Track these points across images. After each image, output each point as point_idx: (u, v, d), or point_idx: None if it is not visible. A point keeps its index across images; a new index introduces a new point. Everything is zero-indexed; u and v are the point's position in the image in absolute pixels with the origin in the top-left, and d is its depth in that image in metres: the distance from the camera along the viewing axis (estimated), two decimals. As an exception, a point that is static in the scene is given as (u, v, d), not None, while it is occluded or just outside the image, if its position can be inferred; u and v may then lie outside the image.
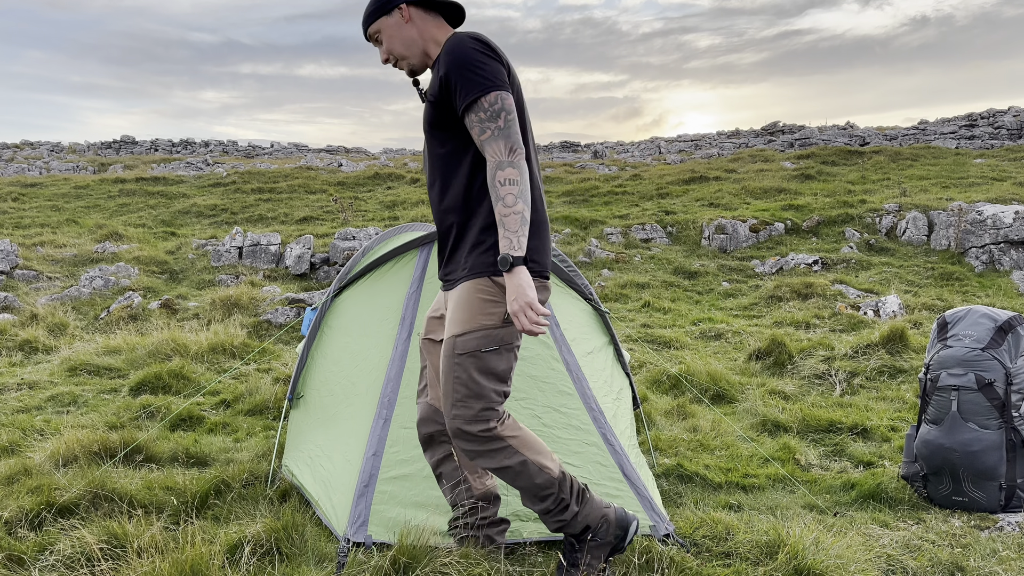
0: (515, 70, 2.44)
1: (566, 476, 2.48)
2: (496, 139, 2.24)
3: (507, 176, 2.21)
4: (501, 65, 2.31)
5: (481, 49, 2.29)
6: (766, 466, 4.05)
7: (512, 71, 2.40)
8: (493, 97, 2.25)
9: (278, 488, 3.44)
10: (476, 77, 2.26)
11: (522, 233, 2.21)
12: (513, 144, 2.24)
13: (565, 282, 4.28)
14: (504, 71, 2.32)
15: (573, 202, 16.16)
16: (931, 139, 22.95)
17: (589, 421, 3.32)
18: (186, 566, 2.42)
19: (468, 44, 2.30)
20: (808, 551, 2.69)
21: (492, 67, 2.28)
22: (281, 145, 32.48)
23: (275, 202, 16.86)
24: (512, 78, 2.38)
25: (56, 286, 10.09)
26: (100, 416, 4.83)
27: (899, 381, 5.76)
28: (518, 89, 2.42)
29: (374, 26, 2.48)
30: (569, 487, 2.48)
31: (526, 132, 2.42)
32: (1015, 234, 10.72)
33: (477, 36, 2.33)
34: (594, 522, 2.52)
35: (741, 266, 11.56)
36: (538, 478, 2.41)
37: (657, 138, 30.53)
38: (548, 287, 2.50)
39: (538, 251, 2.39)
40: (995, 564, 2.85)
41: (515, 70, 2.44)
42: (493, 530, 2.67)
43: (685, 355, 6.81)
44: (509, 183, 2.21)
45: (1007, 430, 3.41)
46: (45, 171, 23.33)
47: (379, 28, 2.48)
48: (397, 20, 2.45)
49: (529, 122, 2.49)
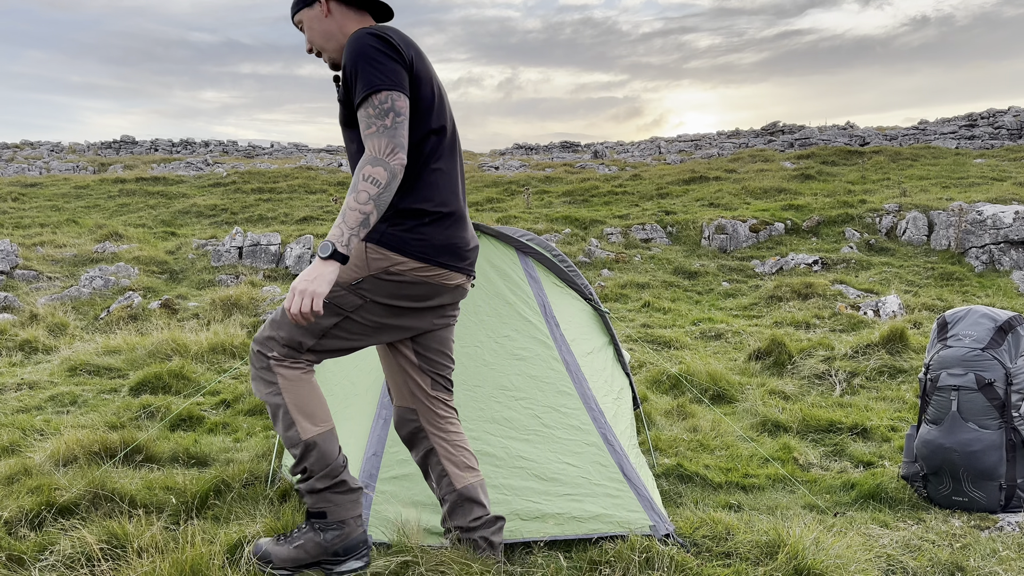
0: (429, 67, 2.44)
1: (319, 450, 2.45)
2: (379, 136, 2.24)
3: (372, 174, 2.21)
4: (401, 64, 2.31)
5: (379, 46, 2.29)
6: (766, 466, 4.05)
7: (423, 69, 2.39)
8: (384, 96, 2.25)
9: (278, 488, 3.44)
10: (370, 74, 2.27)
11: (356, 233, 2.21)
12: (395, 146, 2.23)
13: (565, 282, 4.27)
14: (404, 71, 2.32)
15: (573, 202, 16.17)
16: (931, 139, 22.96)
17: (589, 421, 3.32)
18: (186, 566, 2.41)
19: (366, 40, 2.30)
20: (808, 551, 2.69)
21: (388, 66, 2.28)
22: (281, 145, 32.49)
23: (275, 202, 16.87)
24: (420, 75, 2.38)
25: (56, 286, 10.09)
26: (100, 416, 4.83)
27: (899, 381, 5.76)
28: (431, 85, 2.42)
29: (298, 16, 2.56)
30: (319, 463, 2.46)
31: (444, 127, 2.45)
32: (1015, 234, 10.72)
33: (380, 32, 2.33)
34: (332, 517, 2.50)
35: (741, 266, 11.56)
36: (288, 430, 2.45)
37: (657, 138, 30.54)
38: (466, 288, 2.59)
39: (455, 246, 2.44)
40: (995, 564, 2.85)
41: (429, 67, 2.44)
42: (488, 531, 2.64)
43: (685, 355, 6.81)
44: (371, 181, 2.20)
45: (1007, 430, 3.42)
46: (45, 171, 23.33)
47: (302, 19, 2.54)
48: (317, 13, 2.50)
49: (451, 116, 2.52)
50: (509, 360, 3.48)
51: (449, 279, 2.49)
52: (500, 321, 3.61)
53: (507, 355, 3.49)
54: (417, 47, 2.44)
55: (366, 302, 2.42)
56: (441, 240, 2.43)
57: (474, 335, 3.54)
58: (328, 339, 2.46)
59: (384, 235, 2.38)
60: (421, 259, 2.39)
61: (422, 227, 2.40)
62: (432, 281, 2.45)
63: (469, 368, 3.42)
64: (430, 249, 2.41)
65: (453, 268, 2.48)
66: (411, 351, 2.63)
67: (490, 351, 3.49)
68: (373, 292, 2.41)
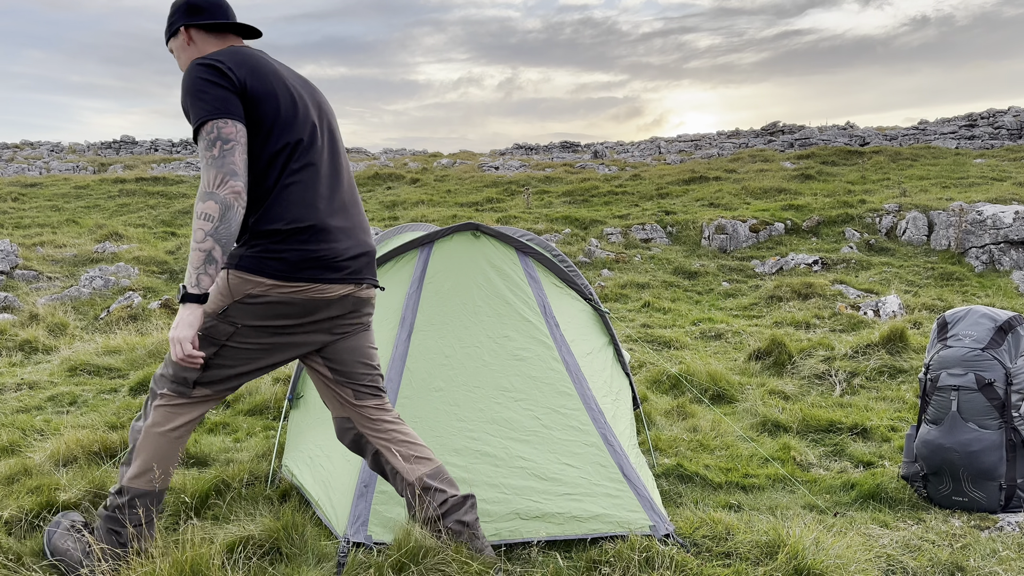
0: (275, 81, 2.43)
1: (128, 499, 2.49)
2: (208, 167, 2.26)
3: (204, 210, 2.23)
4: (228, 89, 2.32)
5: (204, 76, 2.31)
6: (766, 466, 4.05)
7: (261, 86, 2.39)
8: (209, 126, 2.27)
9: (278, 488, 3.44)
10: (196, 106, 2.30)
11: (203, 271, 2.24)
12: (224, 175, 2.24)
13: (565, 282, 4.27)
14: (233, 95, 2.32)
15: (573, 202, 16.17)
16: (931, 139, 22.95)
17: (589, 421, 3.32)
18: (186, 566, 2.41)
19: (193, 73, 2.33)
20: (808, 551, 2.69)
21: (212, 94, 2.29)
22: (281, 145, 32.47)
23: (275, 202, 16.85)
24: (258, 94, 2.37)
25: (56, 286, 10.09)
26: (100, 416, 4.83)
27: (899, 381, 5.76)
28: (274, 101, 2.40)
29: (169, 45, 2.62)
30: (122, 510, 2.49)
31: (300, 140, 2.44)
32: (1015, 234, 10.72)
33: (208, 61, 2.34)
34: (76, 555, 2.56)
35: (741, 266, 11.56)
36: (122, 464, 2.53)
37: (657, 138, 30.54)
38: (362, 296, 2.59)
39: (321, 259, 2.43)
40: (995, 564, 2.85)
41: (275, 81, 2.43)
42: (458, 513, 2.62)
43: (685, 355, 6.81)
44: (204, 218, 2.23)
45: (1007, 430, 3.41)
46: (45, 171, 23.33)
47: (171, 47, 2.61)
48: (181, 42, 2.56)
49: (314, 124, 2.51)
50: (509, 360, 3.48)
51: (322, 292, 2.47)
52: (500, 321, 3.61)
53: (507, 355, 3.49)
54: (258, 65, 2.43)
55: (238, 328, 2.44)
56: (299, 256, 2.41)
57: (474, 335, 3.54)
58: (212, 370, 2.48)
59: (242, 259, 2.40)
60: (280, 278, 2.40)
61: (276, 246, 2.40)
62: (300, 297, 2.45)
63: (469, 368, 3.42)
64: (287, 266, 2.40)
65: (324, 280, 2.46)
66: (323, 366, 2.66)
67: (490, 351, 3.49)
68: (242, 317, 2.43)
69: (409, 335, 3.52)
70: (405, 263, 3.95)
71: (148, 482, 2.48)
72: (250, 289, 2.39)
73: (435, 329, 3.56)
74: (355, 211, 2.64)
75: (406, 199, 16.88)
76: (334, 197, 2.55)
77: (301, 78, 2.65)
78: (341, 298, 2.54)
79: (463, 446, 3.13)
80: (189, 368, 2.44)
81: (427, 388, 3.33)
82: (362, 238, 2.62)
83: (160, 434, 2.48)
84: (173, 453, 2.51)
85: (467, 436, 3.17)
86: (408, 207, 16.02)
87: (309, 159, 2.48)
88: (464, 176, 20.07)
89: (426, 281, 3.75)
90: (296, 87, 2.53)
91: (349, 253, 2.53)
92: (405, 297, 3.71)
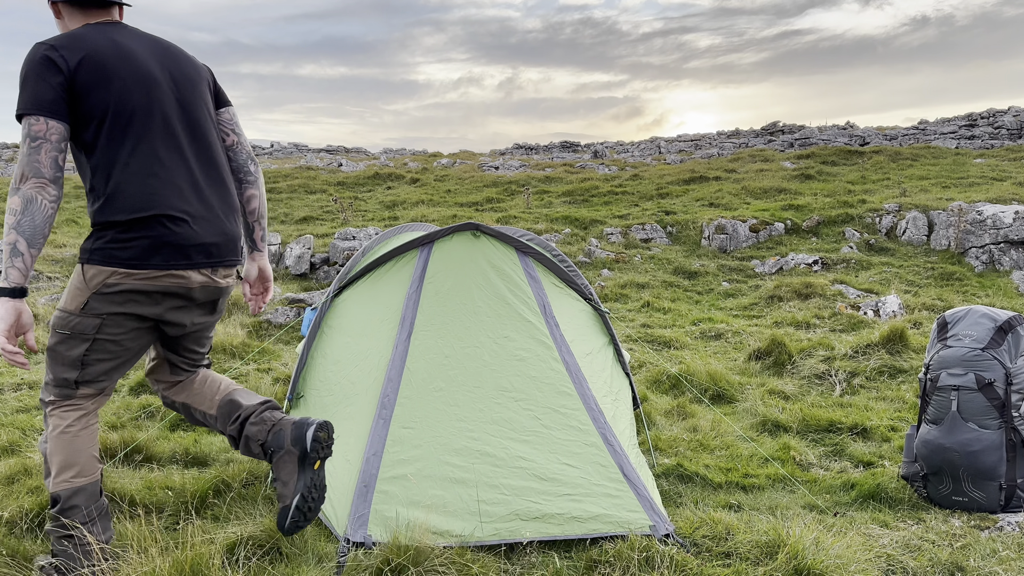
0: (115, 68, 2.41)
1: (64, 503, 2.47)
2: (19, 163, 2.31)
3: (9, 204, 2.30)
4: (50, 82, 2.30)
5: (32, 67, 2.32)
6: (766, 466, 4.05)
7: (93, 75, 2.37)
8: (24, 122, 2.31)
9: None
10: (20, 96, 2.33)
11: (10, 264, 2.28)
12: (27, 172, 2.28)
13: (565, 282, 4.27)
14: (53, 87, 2.30)
15: (573, 202, 16.16)
16: (931, 139, 22.95)
17: (588, 421, 3.32)
18: (186, 566, 2.42)
19: (27, 58, 2.35)
20: (808, 551, 2.69)
21: (33, 88, 2.30)
22: (281, 145, 32.48)
23: (275, 202, 16.87)
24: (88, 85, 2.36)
25: (56, 286, 10.09)
26: (100, 416, 4.82)
27: (899, 381, 5.76)
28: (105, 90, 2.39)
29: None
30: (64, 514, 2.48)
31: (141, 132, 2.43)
32: (1015, 234, 10.72)
33: (41, 52, 2.33)
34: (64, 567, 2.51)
35: (741, 266, 11.56)
36: (46, 478, 2.54)
37: (657, 138, 30.54)
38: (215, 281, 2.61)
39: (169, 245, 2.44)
40: (995, 564, 2.85)
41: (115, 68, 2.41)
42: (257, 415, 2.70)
43: (685, 355, 6.81)
44: (9, 212, 2.29)
45: (1007, 430, 3.41)
46: (45, 171, 23.30)
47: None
48: (56, 17, 2.59)
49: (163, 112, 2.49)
50: (509, 360, 3.48)
51: (175, 279, 2.50)
52: (500, 321, 3.61)
53: (507, 356, 3.49)
54: (99, 49, 2.40)
55: (104, 319, 2.46)
56: (147, 243, 2.43)
57: (474, 335, 3.54)
58: (91, 366, 2.51)
59: (91, 253, 2.43)
60: (130, 266, 2.42)
61: (122, 235, 2.41)
62: (154, 285, 2.47)
63: (469, 368, 3.42)
64: (135, 254, 2.42)
65: (174, 267, 2.48)
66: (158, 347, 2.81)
67: (490, 351, 3.49)
68: (104, 307, 2.45)
69: (409, 335, 3.52)
70: (405, 263, 3.95)
71: (72, 478, 2.50)
72: (104, 279, 2.42)
73: (435, 329, 3.56)
74: (213, 194, 2.62)
75: (406, 199, 16.88)
76: (185, 182, 2.53)
77: (169, 55, 2.61)
78: (201, 285, 2.58)
79: (463, 446, 3.13)
80: (64, 367, 2.48)
81: (427, 388, 3.33)
82: (219, 223, 2.61)
83: (61, 434, 2.51)
84: (84, 447, 2.53)
85: (467, 436, 3.17)
86: (408, 207, 16.02)
87: (151, 145, 2.47)
88: (464, 176, 20.07)
89: (426, 281, 3.75)
90: (149, 70, 2.50)
91: (199, 239, 2.53)
92: (405, 297, 3.71)
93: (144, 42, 2.55)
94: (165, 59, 2.57)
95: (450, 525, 2.85)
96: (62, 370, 2.49)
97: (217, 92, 2.80)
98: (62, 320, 2.47)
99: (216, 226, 2.58)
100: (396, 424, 3.19)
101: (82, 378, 2.50)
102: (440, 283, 3.73)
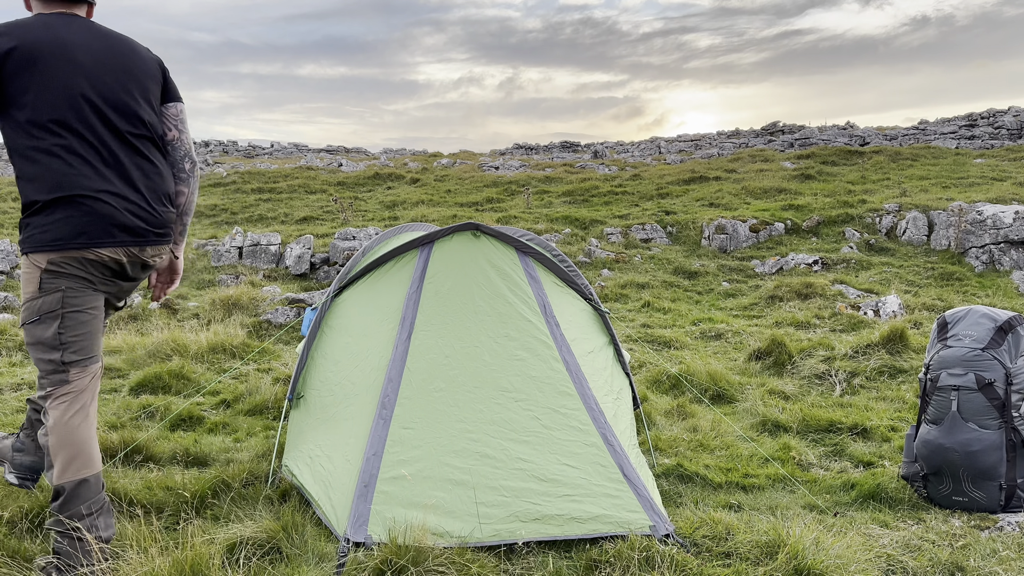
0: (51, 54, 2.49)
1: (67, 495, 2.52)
2: None
3: None
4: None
5: None
6: (766, 466, 4.05)
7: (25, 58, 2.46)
8: None
9: (278, 488, 3.44)
10: None
11: None
12: None
13: (565, 282, 4.27)
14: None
15: (573, 202, 16.16)
16: (931, 139, 22.95)
17: (589, 421, 3.32)
18: (186, 565, 2.42)
19: None
20: (808, 551, 2.69)
21: None
22: (281, 145, 32.48)
23: (275, 202, 16.87)
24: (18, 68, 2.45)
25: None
26: (100, 416, 4.83)
27: (899, 381, 5.76)
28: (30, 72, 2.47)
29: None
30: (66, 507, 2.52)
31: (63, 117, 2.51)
32: (1015, 234, 10.72)
33: None
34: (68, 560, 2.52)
35: (741, 266, 11.56)
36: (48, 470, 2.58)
37: (657, 138, 30.54)
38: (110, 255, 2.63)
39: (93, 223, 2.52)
40: (995, 564, 2.85)
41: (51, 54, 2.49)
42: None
43: (685, 355, 6.81)
44: None
45: (1007, 430, 3.41)
46: (45, 171, 23.29)
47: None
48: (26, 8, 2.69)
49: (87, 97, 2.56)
50: (509, 360, 3.48)
51: (102, 257, 2.59)
52: (500, 321, 3.61)
53: (507, 355, 3.49)
54: (38, 37, 2.50)
55: (63, 290, 2.55)
56: (69, 224, 2.52)
57: (474, 335, 3.54)
58: (70, 342, 2.58)
59: (27, 239, 2.53)
60: (58, 248, 2.51)
61: (43, 219, 2.51)
62: (90, 258, 2.56)
63: (469, 368, 3.42)
64: (61, 235, 2.51)
65: (103, 244, 2.57)
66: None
67: (490, 351, 3.49)
68: (58, 280, 2.54)
69: (409, 335, 3.52)
70: (405, 263, 3.95)
71: (77, 470, 2.55)
72: (46, 260, 2.52)
73: (435, 329, 3.56)
74: (140, 178, 2.69)
75: (406, 199, 16.88)
76: (105, 165, 2.60)
77: (110, 48, 2.67)
78: (129, 261, 2.68)
79: (463, 447, 3.13)
80: (47, 350, 2.56)
81: (427, 388, 3.33)
82: (144, 205, 2.69)
83: (63, 426, 2.55)
84: (84, 439, 2.58)
85: (467, 437, 3.17)
86: (408, 207, 16.02)
87: (72, 130, 2.54)
88: (464, 176, 20.07)
89: (426, 281, 3.75)
90: (79, 61, 2.56)
91: (122, 220, 2.61)
92: (405, 297, 3.71)
93: (88, 35, 2.63)
94: (104, 52, 2.65)
95: (450, 526, 2.85)
96: (46, 354, 2.56)
97: (167, 86, 2.88)
98: (29, 309, 2.56)
99: (142, 207, 2.68)
100: (396, 424, 3.19)
101: (66, 357, 2.57)
102: (440, 283, 3.73)
